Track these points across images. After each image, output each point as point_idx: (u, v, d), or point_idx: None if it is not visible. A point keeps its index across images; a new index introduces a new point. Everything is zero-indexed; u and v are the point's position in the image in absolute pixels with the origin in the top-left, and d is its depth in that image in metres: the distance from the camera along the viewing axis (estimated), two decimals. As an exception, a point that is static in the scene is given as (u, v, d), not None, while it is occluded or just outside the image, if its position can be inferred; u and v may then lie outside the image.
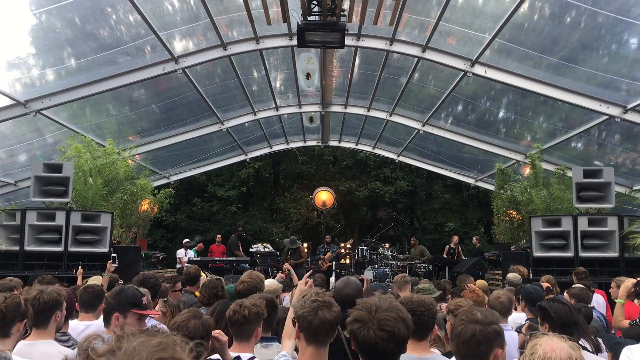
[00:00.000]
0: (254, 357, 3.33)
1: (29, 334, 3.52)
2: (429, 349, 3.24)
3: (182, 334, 3.15)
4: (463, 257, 15.71)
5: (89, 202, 11.10)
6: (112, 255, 8.90)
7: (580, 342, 3.67)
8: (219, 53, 11.11)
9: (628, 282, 5.34)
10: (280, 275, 7.33)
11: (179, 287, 6.43)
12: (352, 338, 2.30)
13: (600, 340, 4.05)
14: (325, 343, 2.68)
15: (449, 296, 6.65)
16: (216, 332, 3.20)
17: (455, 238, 16.49)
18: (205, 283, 5.34)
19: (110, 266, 7.75)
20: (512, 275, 7.61)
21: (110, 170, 12.37)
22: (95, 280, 6.52)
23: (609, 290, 6.58)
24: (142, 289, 4.27)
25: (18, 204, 11.80)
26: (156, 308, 4.83)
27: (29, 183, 10.48)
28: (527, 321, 5.09)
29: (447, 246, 16.29)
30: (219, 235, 17.33)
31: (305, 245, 16.12)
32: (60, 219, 9.66)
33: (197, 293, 6.39)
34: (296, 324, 2.69)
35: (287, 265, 7.88)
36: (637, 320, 4.85)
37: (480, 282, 7.69)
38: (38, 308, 3.45)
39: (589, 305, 5.27)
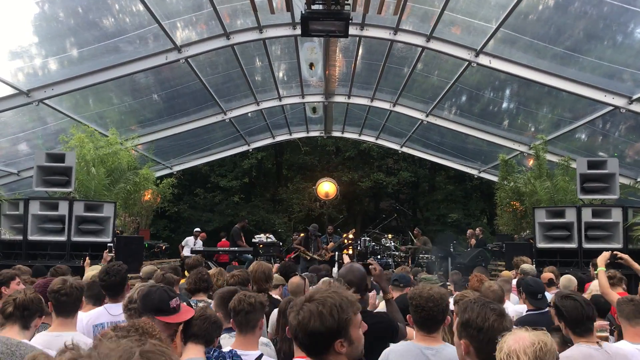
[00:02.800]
0: (262, 355, 3.31)
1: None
2: (440, 340, 3.23)
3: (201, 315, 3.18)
4: None
5: (92, 192, 11.11)
6: (109, 244, 8.81)
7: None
8: (222, 42, 11.05)
9: (606, 253, 5.48)
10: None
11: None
12: None
13: None
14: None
15: None
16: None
17: (470, 231, 16.51)
18: (191, 272, 5.34)
19: (107, 255, 7.72)
20: (527, 266, 7.59)
21: (113, 160, 12.36)
22: (95, 270, 6.52)
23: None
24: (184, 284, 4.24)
25: (21, 194, 11.80)
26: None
27: (31, 173, 10.49)
28: (527, 313, 5.14)
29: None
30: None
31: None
32: (63, 208, 9.68)
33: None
34: None
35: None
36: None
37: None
38: (67, 299, 3.49)
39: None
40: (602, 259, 5.36)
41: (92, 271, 6.37)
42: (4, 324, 3.19)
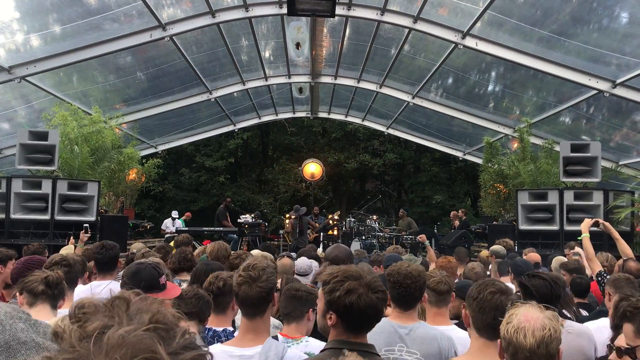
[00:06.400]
0: (226, 329, 3.34)
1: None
2: (416, 318, 3.25)
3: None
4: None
5: (76, 171, 11.02)
6: (85, 225, 8.60)
7: (563, 312, 3.74)
8: (207, 20, 10.92)
9: (588, 219, 5.60)
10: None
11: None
12: (345, 310, 2.18)
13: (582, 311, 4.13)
14: (256, 314, 2.75)
15: None
16: None
17: (454, 213, 16.63)
18: (174, 252, 5.41)
19: (83, 236, 7.63)
20: (496, 247, 7.70)
21: (97, 139, 12.25)
22: (68, 250, 6.47)
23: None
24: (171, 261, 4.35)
25: (3, 172, 11.69)
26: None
27: (14, 151, 10.36)
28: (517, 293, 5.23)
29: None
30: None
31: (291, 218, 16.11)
32: (46, 187, 9.59)
33: None
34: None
35: None
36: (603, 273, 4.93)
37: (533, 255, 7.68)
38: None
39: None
40: (585, 226, 5.46)
41: (64, 250, 6.33)
42: (33, 303, 3.10)
